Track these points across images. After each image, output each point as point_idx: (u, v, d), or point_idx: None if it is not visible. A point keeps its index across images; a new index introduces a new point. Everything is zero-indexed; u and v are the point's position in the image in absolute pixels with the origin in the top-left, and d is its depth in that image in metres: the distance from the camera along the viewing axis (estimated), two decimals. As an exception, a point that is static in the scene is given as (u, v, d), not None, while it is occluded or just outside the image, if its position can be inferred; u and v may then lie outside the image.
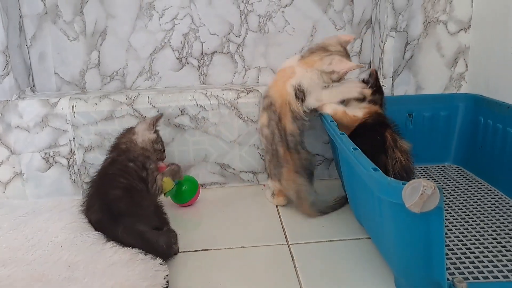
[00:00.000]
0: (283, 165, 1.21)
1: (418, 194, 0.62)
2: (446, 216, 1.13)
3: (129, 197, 1.06)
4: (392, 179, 0.67)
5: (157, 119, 1.29)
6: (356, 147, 0.86)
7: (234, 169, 1.49)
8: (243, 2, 1.54)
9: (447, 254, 0.94)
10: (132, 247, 0.98)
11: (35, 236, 1.02)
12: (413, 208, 0.63)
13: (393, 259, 0.85)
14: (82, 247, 0.96)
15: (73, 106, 1.38)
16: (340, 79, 1.18)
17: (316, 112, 1.23)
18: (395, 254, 0.82)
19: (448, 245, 0.99)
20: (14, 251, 0.96)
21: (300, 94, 1.18)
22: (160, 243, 1.01)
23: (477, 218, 1.12)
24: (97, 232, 1.04)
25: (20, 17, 1.47)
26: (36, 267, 0.88)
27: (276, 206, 1.32)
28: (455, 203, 1.21)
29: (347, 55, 1.20)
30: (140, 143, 1.23)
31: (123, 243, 1.00)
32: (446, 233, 1.04)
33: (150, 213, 1.10)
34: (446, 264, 0.87)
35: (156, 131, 1.27)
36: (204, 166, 1.48)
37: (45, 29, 1.50)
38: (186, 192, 1.35)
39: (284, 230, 1.18)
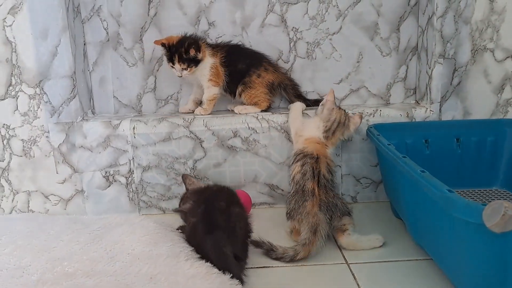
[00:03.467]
0: (308, 198, 1.22)
1: (500, 214, 0.66)
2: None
3: (228, 215, 1.11)
4: (471, 200, 0.71)
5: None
6: (424, 169, 0.90)
7: (282, 190, 1.53)
8: (292, 30, 1.60)
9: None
10: (207, 261, 1.03)
11: (113, 249, 1.08)
12: (494, 228, 0.67)
13: (464, 279, 0.88)
14: (159, 260, 1.02)
15: (133, 128, 1.46)
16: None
17: None
18: (468, 275, 0.85)
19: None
20: (95, 263, 1.02)
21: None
22: (230, 272, 1.03)
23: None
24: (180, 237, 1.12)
25: (84, 44, 1.56)
26: (119, 278, 0.94)
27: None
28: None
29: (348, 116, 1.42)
30: None
31: (204, 254, 1.06)
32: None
33: (239, 239, 1.13)
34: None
35: None
36: (253, 186, 1.53)
37: (106, 55, 1.59)
38: None
39: (340, 249, 1.21)
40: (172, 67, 1.48)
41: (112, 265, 1.01)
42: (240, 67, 1.53)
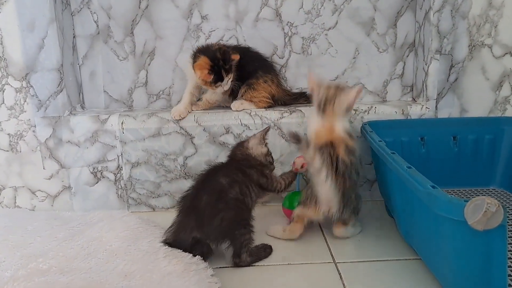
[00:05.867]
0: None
1: (482, 211, 0.62)
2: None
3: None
4: (453, 196, 0.68)
5: (266, 132, 1.31)
6: (410, 166, 0.86)
7: (275, 188, 1.50)
8: (287, 24, 1.57)
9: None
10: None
11: (90, 245, 1.05)
12: (476, 225, 0.63)
13: (450, 278, 0.84)
14: (137, 257, 0.99)
15: (122, 123, 1.43)
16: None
17: None
18: (452, 273, 0.82)
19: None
20: (71, 260, 0.99)
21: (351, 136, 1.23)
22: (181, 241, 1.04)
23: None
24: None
25: (74, 37, 1.54)
26: (93, 275, 0.91)
27: (320, 225, 1.32)
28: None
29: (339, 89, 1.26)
30: (255, 156, 1.27)
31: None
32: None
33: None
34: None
35: (266, 145, 1.30)
36: (246, 184, 1.49)
37: (96, 48, 1.56)
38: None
39: (329, 248, 1.18)
40: (219, 85, 1.41)
41: (88, 262, 0.98)
42: (248, 69, 1.47)
